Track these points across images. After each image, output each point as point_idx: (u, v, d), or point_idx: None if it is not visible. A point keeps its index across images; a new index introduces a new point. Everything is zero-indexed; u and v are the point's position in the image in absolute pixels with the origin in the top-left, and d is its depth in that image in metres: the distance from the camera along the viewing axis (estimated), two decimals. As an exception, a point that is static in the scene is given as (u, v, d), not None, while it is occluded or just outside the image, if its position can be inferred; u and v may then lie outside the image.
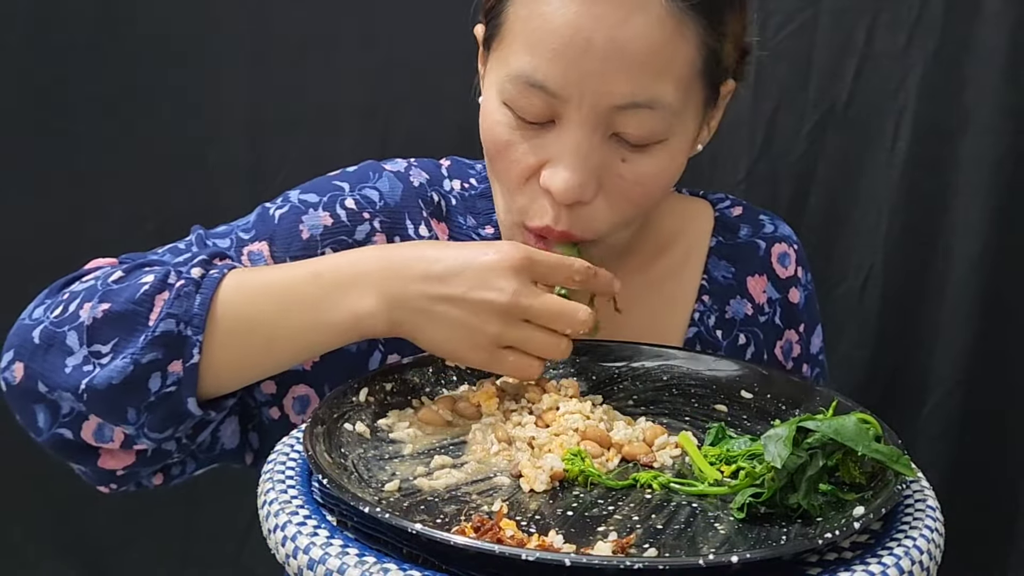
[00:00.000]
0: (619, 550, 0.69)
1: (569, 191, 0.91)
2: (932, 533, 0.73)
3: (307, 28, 1.53)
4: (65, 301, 0.92)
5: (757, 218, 1.15)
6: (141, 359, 0.86)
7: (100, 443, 0.92)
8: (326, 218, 1.00)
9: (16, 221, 1.58)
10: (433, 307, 0.85)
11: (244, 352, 0.90)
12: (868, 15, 1.53)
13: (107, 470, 0.94)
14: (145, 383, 0.87)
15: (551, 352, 0.87)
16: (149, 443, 0.91)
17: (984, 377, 1.59)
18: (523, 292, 0.84)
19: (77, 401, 0.88)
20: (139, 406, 0.88)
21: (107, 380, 0.87)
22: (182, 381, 0.87)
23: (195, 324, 0.87)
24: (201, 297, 0.88)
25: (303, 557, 0.68)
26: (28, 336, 0.91)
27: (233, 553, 1.70)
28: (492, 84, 0.95)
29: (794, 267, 1.14)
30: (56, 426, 0.91)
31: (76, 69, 1.53)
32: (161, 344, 0.87)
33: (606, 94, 0.89)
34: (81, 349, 0.88)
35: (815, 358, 1.17)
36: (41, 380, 0.90)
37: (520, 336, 0.86)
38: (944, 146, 1.54)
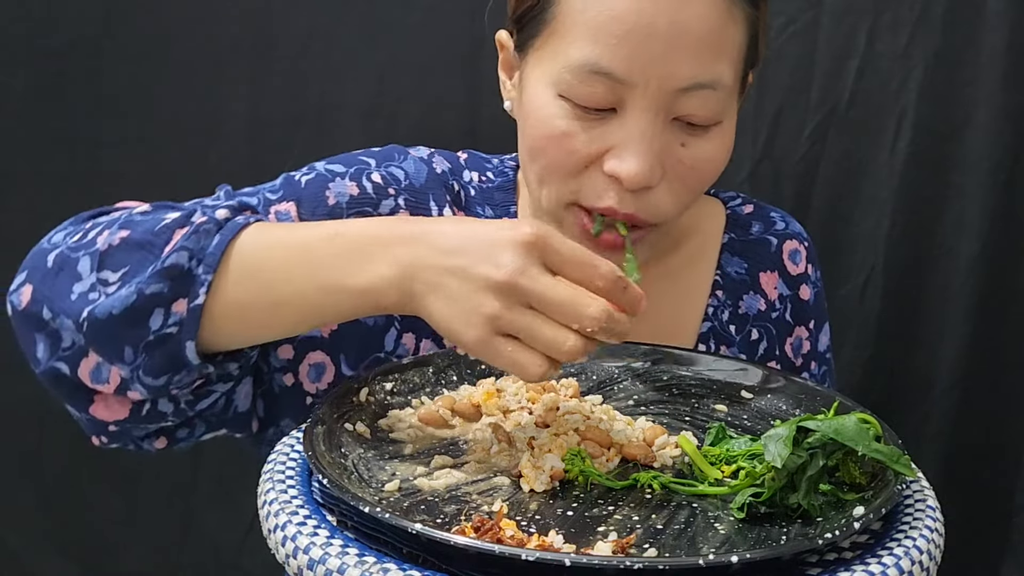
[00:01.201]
0: (619, 550, 0.69)
1: (639, 176, 0.92)
2: (932, 533, 0.73)
3: (308, 28, 1.53)
4: (86, 229, 0.90)
5: (768, 215, 1.17)
6: (145, 289, 0.83)
7: (96, 384, 0.88)
8: (352, 187, 1.01)
9: (18, 221, 1.58)
10: (440, 279, 0.78)
11: (251, 303, 0.85)
12: (870, 16, 1.53)
13: (99, 420, 0.91)
14: (146, 319, 0.83)
15: (554, 348, 0.76)
16: (144, 392, 0.87)
17: (985, 377, 1.58)
18: (525, 271, 0.76)
19: (77, 331, 0.85)
20: (137, 344, 0.84)
21: (108, 310, 0.83)
22: (184, 323, 0.83)
23: (207, 263, 0.84)
24: (220, 238, 0.85)
25: (303, 557, 0.68)
26: (43, 260, 0.89)
27: (233, 553, 1.70)
28: (540, 80, 0.96)
29: (805, 264, 1.16)
30: (54, 358, 0.88)
31: (76, 69, 1.53)
32: (168, 277, 0.83)
33: (671, 77, 0.91)
34: (90, 276, 0.86)
35: (822, 356, 1.18)
36: (47, 305, 0.87)
37: (521, 323, 0.76)
38: (945, 147, 1.54)
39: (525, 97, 0.98)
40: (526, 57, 0.99)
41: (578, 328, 0.76)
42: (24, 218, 1.57)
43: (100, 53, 1.52)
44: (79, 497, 1.67)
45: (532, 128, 0.97)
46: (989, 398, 1.59)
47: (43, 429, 1.64)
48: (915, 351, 1.60)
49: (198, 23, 1.52)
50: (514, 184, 1.11)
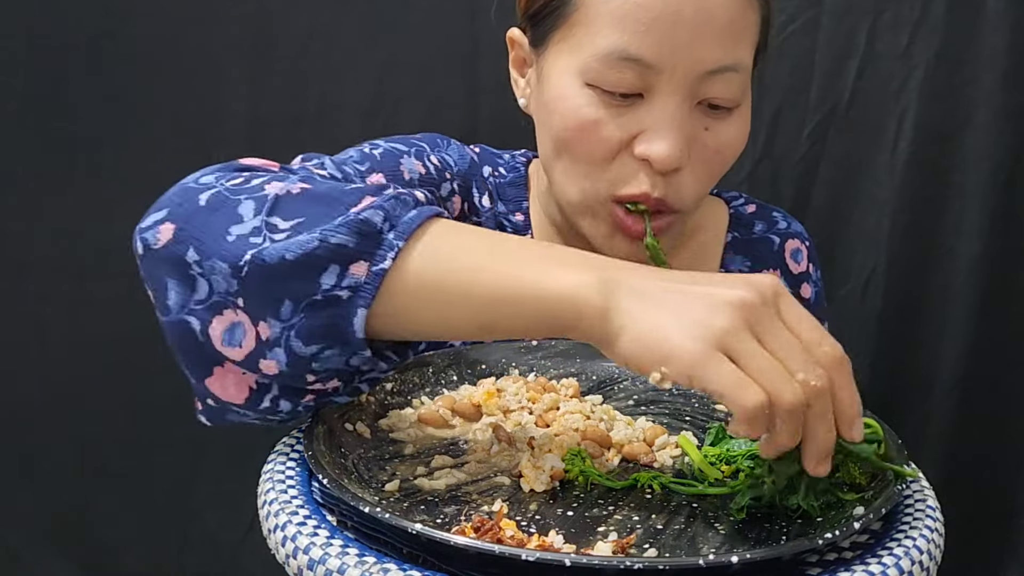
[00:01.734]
0: (619, 550, 0.69)
1: (670, 157, 0.94)
2: (932, 533, 0.73)
3: (307, 28, 1.53)
4: (247, 176, 0.81)
5: (771, 215, 1.20)
6: (331, 238, 0.73)
7: (227, 347, 0.77)
8: (419, 166, 1.03)
9: (18, 221, 1.58)
10: (658, 292, 0.70)
11: (433, 286, 0.75)
12: (870, 16, 1.53)
13: (212, 393, 0.81)
14: (319, 273, 0.73)
15: (778, 383, 0.67)
16: (283, 361, 0.76)
17: (986, 378, 1.59)
18: (765, 300, 0.70)
19: (233, 276, 0.74)
20: (300, 300, 0.74)
21: (280, 254, 0.73)
22: (360, 288, 0.73)
23: (400, 230, 0.74)
24: (419, 212, 0.76)
25: (303, 557, 0.68)
26: (193, 198, 0.79)
27: (233, 553, 1.70)
28: (564, 71, 0.97)
29: (806, 263, 1.20)
30: (186, 311, 0.77)
31: (76, 69, 1.53)
32: (357, 231, 0.73)
33: (698, 61, 0.94)
34: (255, 219, 0.76)
35: None
36: (194, 246, 0.76)
37: (747, 348, 0.68)
38: (946, 147, 1.54)
39: (547, 90, 1.00)
40: (545, 51, 1.00)
41: (803, 378, 0.68)
42: (24, 218, 1.57)
43: (100, 53, 1.52)
44: (79, 497, 1.67)
45: (560, 120, 0.98)
46: (990, 398, 1.59)
47: (43, 429, 1.64)
48: (916, 351, 1.60)
49: (198, 23, 1.52)
50: (525, 180, 1.13)
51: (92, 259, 1.57)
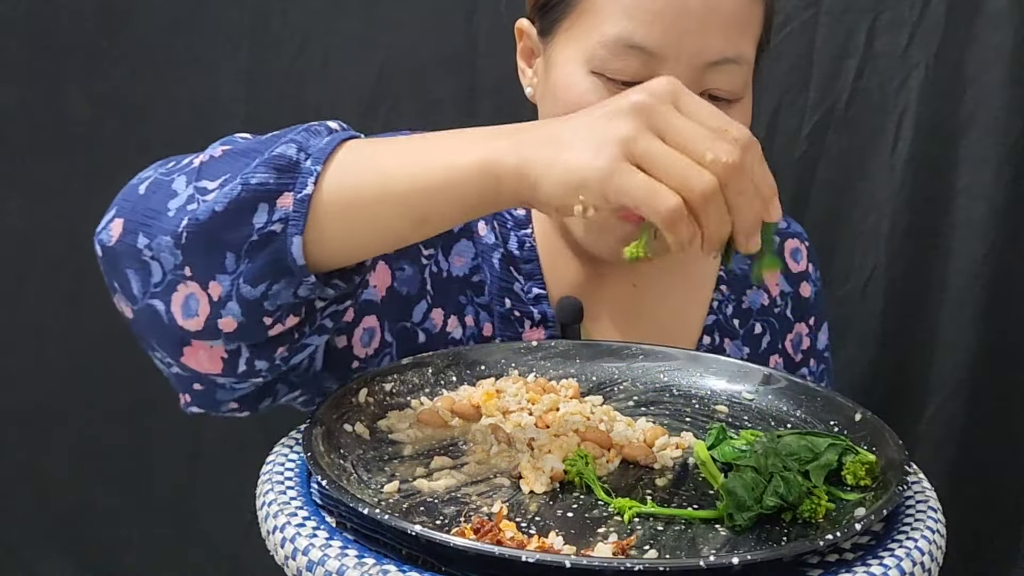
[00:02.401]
0: (619, 551, 0.68)
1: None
2: (933, 535, 0.73)
3: (306, 28, 1.53)
4: (180, 159, 0.86)
5: None
6: (251, 179, 0.77)
7: (186, 319, 0.80)
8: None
9: (16, 221, 1.58)
10: (562, 131, 0.72)
11: (358, 197, 0.78)
12: (869, 15, 1.53)
13: (190, 372, 0.85)
14: (250, 215, 0.77)
15: (688, 176, 0.68)
16: (238, 313, 0.79)
17: (986, 378, 1.59)
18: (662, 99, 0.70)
19: (176, 247, 0.78)
20: (240, 247, 0.77)
21: (210, 209, 0.77)
22: (290, 217, 0.77)
23: (315, 156, 0.78)
24: (331, 138, 0.80)
25: (302, 559, 0.68)
26: (134, 190, 0.84)
27: (232, 553, 1.70)
28: (570, 59, 0.99)
29: (805, 263, 1.20)
30: (147, 295, 0.81)
31: (77, 68, 1.53)
32: (274, 167, 0.77)
33: (702, 51, 0.94)
34: (187, 188, 0.80)
35: (821, 354, 1.21)
36: (142, 232, 0.80)
37: (652, 149, 0.69)
38: (946, 147, 1.54)
39: (553, 76, 1.01)
40: (553, 40, 1.01)
41: (712, 158, 0.68)
42: (23, 218, 1.57)
43: (99, 53, 1.52)
44: (79, 497, 1.67)
45: (563, 106, 0.98)
46: (991, 399, 1.59)
47: (43, 429, 1.64)
48: (916, 351, 1.60)
49: (196, 23, 1.52)
50: None
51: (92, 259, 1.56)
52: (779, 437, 0.81)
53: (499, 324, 1.06)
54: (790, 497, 0.73)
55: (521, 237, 1.10)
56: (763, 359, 1.14)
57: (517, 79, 1.09)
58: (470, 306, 1.06)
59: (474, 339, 1.06)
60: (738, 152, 0.69)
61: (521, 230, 1.10)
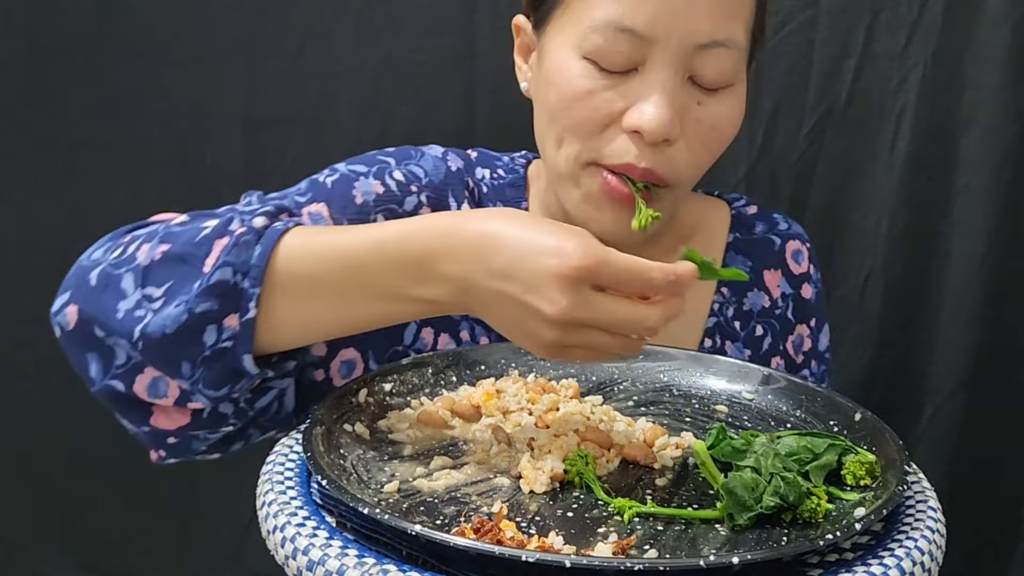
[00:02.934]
0: (619, 551, 0.68)
1: (660, 127, 0.95)
2: (933, 534, 0.73)
3: (305, 27, 1.52)
4: (125, 243, 0.91)
5: (772, 216, 1.22)
6: (195, 308, 0.83)
7: (154, 399, 0.88)
8: (377, 186, 1.03)
9: (16, 221, 1.57)
10: (494, 300, 0.80)
11: (305, 313, 0.86)
12: (868, 15, 1.53)
13: (160, 431, 0.91)
14: (200, 336, 0.84)
15: (620, 352, 0.82)
16: (205, 401, 0.88)
17: (985, 378, 1.58)
18: (576, 305, 0.77)
19: (132, 349, 0.86)
20: (194, 359, 0.85)
21: (160, 328, 0.84)
22: (238, 336, 0.84)
23: (252, 276, 0.84)
24: (261, 249, 0.84)
25: (302, 558, 0.68)
26: (85, 277, 0.89)
27: (233, 553, 1.70)
28: (563, 45, 0.99)
29: (807, 264, 1.20)
30: (109, 376, 0.88)
31: (76, 69, 1.52)
32: (215, 294, 0.83)
33: (691, 33, 0.95)
34: (135, 292, 0.86)
35: (822, 355, 1.21)
36: (97, 324, 0.87)
37: (581, 340, 0.79)
38: (945, 147, 1.54)
39: (546, 65, 1.01)
40: (545, 30, 1.02)
41: (639, 337, 0.81)
42: (22, 219, 1.57)
43: (97, 53, 1.52)
44: (79, 496, 1.67)
45: (555, 90, 0.99)
46: (990, 399, 1.59)
47: (43, 428, 1.63)
48: (915, 351, 1.60)
49: (195, 23, 1.52)
50: (524, 181, 1.13)
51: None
52: (779, 438, 0.81)
53: (496, 336, 1.04)
54: (790, 497, 0.73)
55: None
56: (764, 361, 1.14)
57: (516, 81, 1.09)
58: (464, 321, 1.06)
59: None
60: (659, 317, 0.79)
61: None
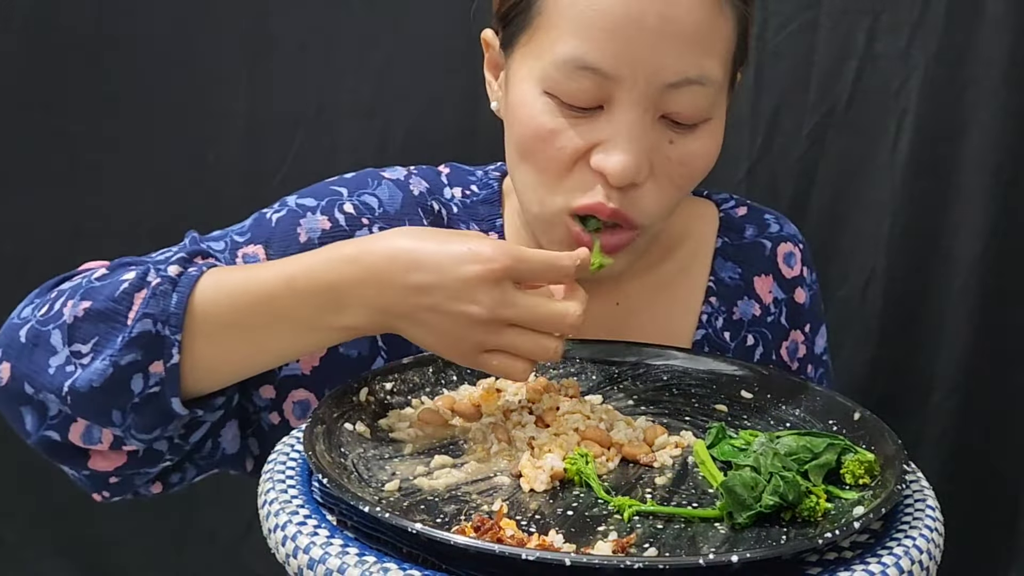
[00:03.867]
0: (619, 550, 0.69)
1: (626, 172, 0.90)
2: (932, 533, 0.73)
3: (306, 28, 1.53)
4: (52, 299, 0.92)
5: (762, 218, 1.15)
6: (120, 360, 0.86)
7: (88, 445, 0.91)
8: (324, 222, 0.99)
9: (15, 221, 1.58)
10: (416, 314, 0.82)
11: (228, 353, 0.88)
12: (869, 16, 1.53)
13: (100, 472, 0.94)
14: (127, 384, 0.86)
15: (539, 355, 0.83)
16: (139, 444, 0.91)
17: (985, 378, 1.59)
18: (502, 303, 0.80)
19: (62, 404, 0.88)
20: (124, 407, 0.87)
21: (88, 383, 0.86)
22: (164, 381, 0.86)
23: (172, 324, 0.86)
24: (178, 296, 0.87)
25: (303, 557, 0.68)
26: (15, 335, 0.91)
27: (233, 552, 1.70)
28: (525, 78, 0.94)
29: (800, 267, 1.14)
30: (44, 428, 0.90)
31: (76, 69, 1.53)
32: (139, 345, 0.86)
33: (659, 72, 0.89)
34: (63, 349, 0.88)
35: (819, 358, 1.16)
36: (27, 381, 0.89)
37: (504, 341, 0.82)
38: (945, 148, 1.54)
39: (511, 96, 0.96)
40: (512, 54, 0.97)
41: (561, 333, 0.83)
42: (22, 218, 1.57)
43: (99, 53, 1.52)
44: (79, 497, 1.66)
45: (519, 127, 0.94)
46: (990, 399, 1.59)
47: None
48: (915, 351, 1.60)
49: (197, 24, 1.52)
50: (499, 196, 1.08)
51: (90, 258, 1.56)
52: (778, 437, 0.81)
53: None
54: (789, 496, 0.73)
55: None
56: None
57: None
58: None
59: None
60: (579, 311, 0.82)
61: None
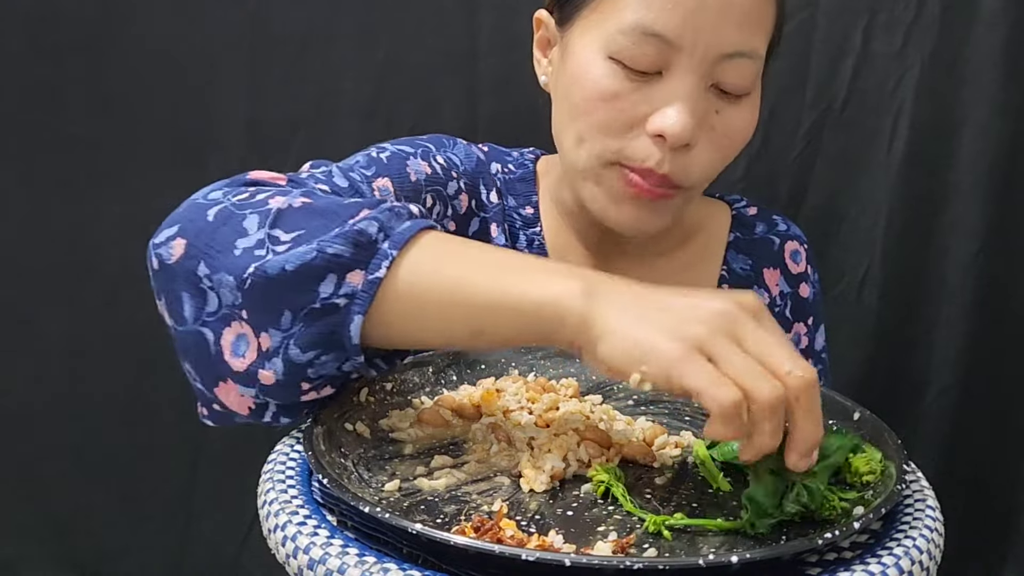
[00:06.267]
0: (619, 550, 0.69)
1: (684, 131, 0.98)
2: (932, 533, 0.73)
3: (306, 28, 1.52)
4: (252, 191, 0.86)
5: (771, 217, 1.26)
6: (327, 248, 0.77)
7: (233, 357, 0.81)
8: (425, 167, 1.07)
9: (15, 222, 1.57)
10: (639, 301, 0.73)
11: (424, 294, 0.78)
12: (865, 15, 1.53)
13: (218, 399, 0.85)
14: (317, 283, 0.77)
15: (753, 380, 0.68)
16: (281, 370, 0.80)
17: (983, 377, 1.59)
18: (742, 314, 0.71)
19: (236, 289, 0.79)
20: (299, 310, 0.78)
21: (280, 266, 0.77)
22: (356, 295, 0.78)
23: (395, 240, 0.79)
24: (412, 224, 0.80)
25: (303, 557, 0.68)
26: (201, 213, 0.83)
27: (233, 554, 1.70)
28: (588, 45, 1.01)
29: (805, 264, 1.24)
30: (199, 322, 0.81)
31: (75, 69, 1.52)
32: (352, 242, 0.78)
33: (717, 43, 0.97)
34: (259, 232, 0.80)
35: (818, 355, 1.25)
36: (204, 260, 0.80)
37: (725, 350, 0.69)
38: (942, 146, 1.55)
39: (571, 63, 1.03)
40: (571, 27, 1.04)
41: (789, 371, 0.69)
42: (22, 219, 1.57)
43: (97, 54, 1.52)
44: (78, 500, 1.67)
45: (580, 89, 1.01)
46: (988, 397, 1.59)
47: (41, 433, 1.63)
48: (912, 350, 1.60)
49: (196, 24, 1.52)
50: (534, 175, 1.17)
51: (89, 262, 1.57)
52: None
53: None
54: (812, 505, 0.73)
55: (530, 236, 1.13)
56: None
57: (518, 80, 1.10)
58: None
59: None
60: (812, 373, 0.69)
61: (530, 228, 1.14)
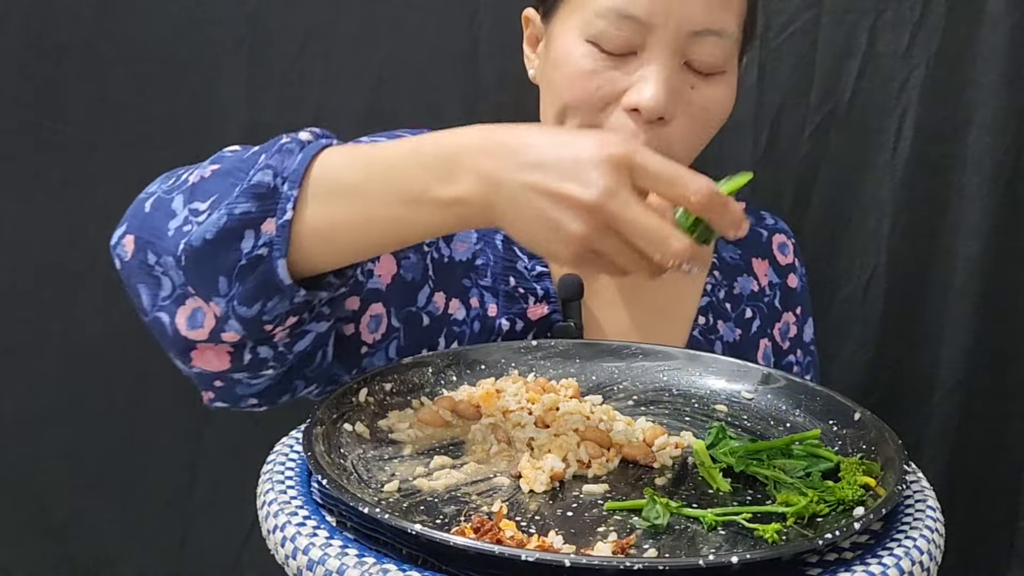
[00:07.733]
0: (619, 551, 0.69)
1: (657, 104, 1.02)
2: (932, 533, 0.73)
3: (305, 29, 1.52)
4: (180, 174, 0.92)
5: (759, 212, 1.31)
6: (234, 209, 0.83)
7: (192, 331, 0.87)
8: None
9: (15, 221, 1.57)
10: (524, 195, 0.77)
11: (337, 220, 0.84)
12: (870, 16, 1.53)
13: (205, 373, 0.91)
14: (237, 241, 0.83)
15: (638, 271, 0.77)
16: (239, 329, 0.86)
17: (986, 378, 1.58)
18: (614, 194, 0.74)
19: (178, 267, 0.85)
20: (231, 271, 0.84)
21: (201, 236, 0.84)
22: (274, 242, 0.83)
23: (291, 179, 0.84)
24: (303, 156, 0.85)
25: (302, 558, 0.68)
26: (141, 207, 0.90)
27: (233, 555, 1.69)
28: (568, 31, 1.07)
29: (792, 256, 1.30)
30: (156, 308, 0.88)
31: (74, 69, 1.52)
32: (254, 195, 0.83)
33: (687, 20, 1.03)
34: (184, 209, 0.87)
35: (807, 346, 1.29)
36: (150, 249, 0.87)
37: (607, 246, 0.75)
38: (947, 147, 1.54)
39: (552, 49, 1.09)
40: (553, 19, 1.10)
41: (659, 260, 0.75)
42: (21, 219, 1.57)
43: (97, 55, 1.52)
44: (76, 508, 1.66)
45: (560, 70, 1.07)
46: (991, 399, 1.59)
47: (40, 435, 1.63)
48: (917, 351, 1.60)
49: (195, 25, 1.52)
50: None
51: (87, 263, 1.56)
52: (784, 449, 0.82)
53: (503, 302, 1.10)
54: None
55: None
56: (753, 342, 1.21)
57: (518, 80, 1.11)
58: (474, 288, 1.09)
59: (479, 319, 1.09)
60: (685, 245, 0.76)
61: None
